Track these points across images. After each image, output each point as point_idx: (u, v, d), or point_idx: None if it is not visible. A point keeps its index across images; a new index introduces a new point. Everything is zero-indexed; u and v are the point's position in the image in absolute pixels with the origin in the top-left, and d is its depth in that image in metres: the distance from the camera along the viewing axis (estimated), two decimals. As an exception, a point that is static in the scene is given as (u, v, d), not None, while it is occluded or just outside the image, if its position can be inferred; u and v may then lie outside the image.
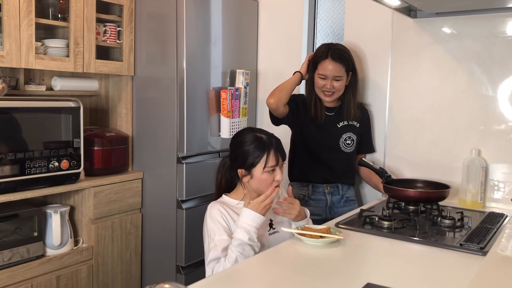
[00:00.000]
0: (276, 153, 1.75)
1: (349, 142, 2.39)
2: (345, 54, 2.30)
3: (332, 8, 2.98)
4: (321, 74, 2.28)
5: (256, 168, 1.73)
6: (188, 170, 2.58)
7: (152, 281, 2.41)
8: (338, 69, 2.26)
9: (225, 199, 1.82)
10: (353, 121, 2.40)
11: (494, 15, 2.24)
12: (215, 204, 1.78)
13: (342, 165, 2.40)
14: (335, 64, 2.26)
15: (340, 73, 2.27)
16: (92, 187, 2.48)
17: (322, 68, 2.27)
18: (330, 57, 2.26)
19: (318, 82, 2.30)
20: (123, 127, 2.79)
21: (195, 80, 2.59)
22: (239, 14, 2.90)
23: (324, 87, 2.28)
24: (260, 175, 1.73)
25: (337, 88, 2.29)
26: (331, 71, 2.26)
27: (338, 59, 2.26)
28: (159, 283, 0.95)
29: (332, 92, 2.29)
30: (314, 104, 2.34)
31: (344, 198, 2.38)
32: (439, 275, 1.42)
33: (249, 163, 1.73)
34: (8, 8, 2.15)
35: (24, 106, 2.21)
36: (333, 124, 2.38)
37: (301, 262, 1.51)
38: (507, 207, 2.22)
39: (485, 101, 2.30)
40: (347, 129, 2.39)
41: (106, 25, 2.65)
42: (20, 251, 2.20)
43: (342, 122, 2.39)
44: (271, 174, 1.74)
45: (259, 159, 1.72)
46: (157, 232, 2.70)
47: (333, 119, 2.38)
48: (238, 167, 1.77)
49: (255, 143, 1.74)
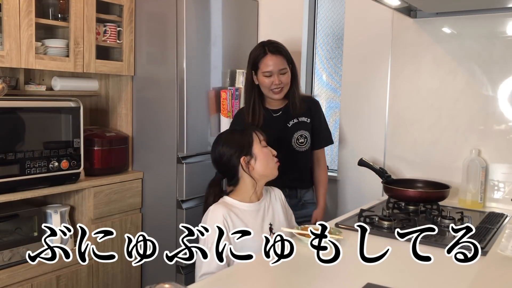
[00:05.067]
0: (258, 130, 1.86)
1: (302, 141, 2.28)
2: (282, 46, 2.23)
3: (332, 8, 2.98)
4: (266, 72, 2.17)
5: (254, 146, 1.80)
6: (188, 170, 2.58)
7: (152, 281, 2.41)
8: (280, 61, 2.18)
9: (228, 200, 1.80)
10: (303, 117, 2.28)
11: (494, 15, 2.24)
12: (218, 207, 1.73)
13: (299, 168, 2.29)
14: (276, 58, 2.17)
15: (283, 65, 2.18)
16: (92, 187, 2.48)
17: (264, 66, 2.17)
18: (269, 52, 2.18)
19: (265, 81, 2.18)
20: (123, 127, 2.79)
21: (195, 80, 2.59)
22: (239, 14, 2.90)
23: (273, 84, 2.17)
24: (261, 151, 1.81)
25: (285, 82, 2.19)
26: (274, 66, 2.16)
27: (277, 51, 2.19)
28: (159, 283, 0.96)
29: (281, 87, 2.19)
30: (253, 108, 2.23)
31: (301, 201, 2.28)
32: (439, 275, 1.42)
33: (246, 144, 1.80)
34: (8, 8, 2.15)
35: (24, 106, 2.21)
36: (283, 125, 2.26)
37: (301, 262, 1.51)
38: (507, 207, 2.22)
39: (485, 101, 2.30)
40: (298, 126, 2.27)
41: (106, 25, 2.65)
42: (20, 251, 2.20)
43: (291, 120, 2.27)
44: (267, 148, 1.83)
45: (251, 137, 1.81)
46: (157, 232, 2.70)
47: (282, 119, 2.27)
48: (239, 157, 1.79)
49: (238, 131, 1.87)
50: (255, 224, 1.76)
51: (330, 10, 2.98)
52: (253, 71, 2.22)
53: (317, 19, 2.97)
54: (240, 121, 2.27)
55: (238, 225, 1.71)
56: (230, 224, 1.69)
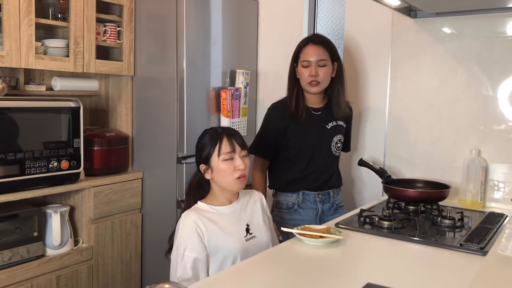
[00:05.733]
0: (230, 140, 1.72)
1: (339, 145, 2.26)
2: (327, 39, 2.17)
3: (332, 8, 2.98)
4: (304, 61, 2.12)
5: (212, 158, 1.71)
6: (188, 170, 2.57)
7: (152, 281, 2.40)
8: (320, 52, 2.11)
9: (200, 206, 1.76)
10: (340, 121, 2.24)
11: (494, 15, 2.24)
12: (190, 213, 1.70)
13: (332, 170, 2.27)
14: (317, 48, 2.12)
15: (323, 56, 2.11)
16: (92, 187, 2.48)
17: (304, 55, 2.13)
18: (311, 41, 2.14)
19: (303, 72, 2.13)
20: (123, 127, 2.79)
21: (195, 80, 2.59)
22: (239, 14, 2.90)
23: (310, 74, 2.11)
24: (218, 165, 1.70)
25: (322, 75, 2.11)
26: (314, 55, 2.11)
27: (319, 42, 2.14)
28: (159, 283, 0.95)
29: (317, 82, 2.11)
30: (296, 100, 2.16)
31: (334, 206, 2.26)
32: (439, 275, 1.42)
33: (205, 154, 1.72)
34: (8, 8, 2.15)
35: (24, 106, 2.21)
36: (322, 126, 2.20)
37: (301, 262, 1.51)
38: (507, 207, 2.22)
39: (485, 101, 2.30)
40: (337, 130, 2.23)
41: (106, 25, 2.65)
42: (20, 251, 2.20)
43: (331, 122, 2.21)
44: (231, 162, 1.70)
45: (213, 148, 1.70)
46: (157, 232, 2.70)
47: (321, 119, 2.20)
48: (199, 163, 1.76)
49: (209, 135, 1.74)
50: (229, 225, 1.72)
51: (330, 10, 2.98)
52: (295, 63, 2.18)
53: (317, 19, 2.97)
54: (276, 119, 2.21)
55: (211, 228, 1.67)
56: (202, 227, 1.66)
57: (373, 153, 2.59)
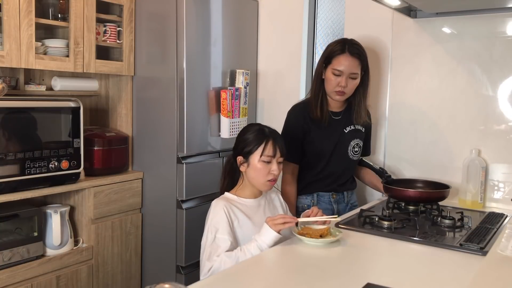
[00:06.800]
0: (275, 145, 1.81)
1: (357, 150, 2.24)
2: (362, 50, 2.13)
3: (332, 8, 2.98)
4: (336, 70, 2.07)
5: (253, 156, 1.80)
6: (188, 170, 2.58)
7: (152, 281, 2.41)
8: (355, 65, 2.08)
9: (228, 196, 1.86)
10: (358, 126, 2.23)
11: (494, 15, 2.24)
12: (220, 201, 1.81)
13: (349, 174, 2.28)
14: (353, 60, 2.07)
15: (356, 70, 2.08)
16: (92, 187, 2.48)
17: (337, 63, 2.07)
18: (348, 51, 2.07)
19: (331, 80, 2.09)
20: (123, 127, 2.79)
21: (195, 80, 2.59)
22: (239, 14, 2.90)
23: (339, 84, 2.07)
24: (256, 163, 1.79)
25: (350, 88, 2.10)
26: (348, 67, 2.06)
27: (356, 54, 2.08)
28: (159, 283, 0.96)
29: (344, 92, 2.10)
30: (320, 105, 2.14)
31: (349, 205, 2.28)
32: (439, 275, 1.42)
33: (248, 150, 1.81)
34: (8, 8, 2.15)
35: (24, 106, 2.21)
36: (340, 130, 2.19)
37: (301, 262, 1.51)
38: (507, 207, 2.22)
39: (485, 101, 2.30)
40: (354, 135, 2.22)
41: (106, 25, 2.65)
42: (20, 251, 2.20)
43: (349, 126, 2.21)
44: (267, 165, 1.80)
45: (257, 147, 1.80)
46: (157, 232, 2.70)
47: (341, 123, 2.20)
48: (237, 154, 1.84)
49: (256, 132, 1.83)
50: (256, 217, 1.81)
51: (330, 10, 2.97)
52: (325, 64, 2.14)
53: (317, 19, 2.96)
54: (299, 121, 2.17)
55: (240, 216, 1.77)
56: (231, 214, 1.75)
57: (373, 153, 2.60)
